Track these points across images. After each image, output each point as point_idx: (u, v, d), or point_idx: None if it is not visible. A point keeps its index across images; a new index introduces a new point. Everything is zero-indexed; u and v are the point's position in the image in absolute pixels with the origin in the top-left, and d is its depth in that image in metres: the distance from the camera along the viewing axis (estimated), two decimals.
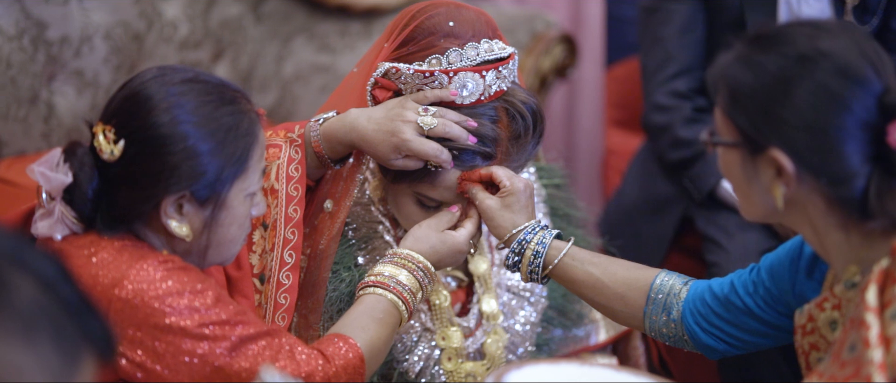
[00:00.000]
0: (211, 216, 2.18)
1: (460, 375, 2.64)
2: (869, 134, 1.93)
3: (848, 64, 1.93)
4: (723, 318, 2.31)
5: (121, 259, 2.11)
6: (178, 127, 2.12)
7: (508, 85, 2.47)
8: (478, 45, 2.43)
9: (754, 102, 1.98)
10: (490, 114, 2.44)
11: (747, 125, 1.99)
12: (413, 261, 2.41)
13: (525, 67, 4.13)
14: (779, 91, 1.95)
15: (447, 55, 2.42)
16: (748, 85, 1.99)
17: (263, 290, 2.47)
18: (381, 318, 2.34)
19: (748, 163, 2.02)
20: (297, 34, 4.43)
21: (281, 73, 4.39)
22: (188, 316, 2.10)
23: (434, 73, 2.41)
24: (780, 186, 1.99)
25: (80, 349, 1.50)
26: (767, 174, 2.00)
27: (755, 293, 2.27)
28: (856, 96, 1.92)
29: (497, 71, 2.43)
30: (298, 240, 2.47)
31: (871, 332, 1.84)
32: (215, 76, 2.23)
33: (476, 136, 2.42)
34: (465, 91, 2.42)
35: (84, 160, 2.13)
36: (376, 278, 2.39)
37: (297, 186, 2.48)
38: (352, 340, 2.26)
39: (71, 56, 3.65)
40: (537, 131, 2.51)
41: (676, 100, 3.47)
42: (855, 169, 1.94)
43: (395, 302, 2.36)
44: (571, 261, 2.43)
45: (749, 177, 2.04)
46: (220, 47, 4.23)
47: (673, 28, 3.49)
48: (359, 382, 2.26)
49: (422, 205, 2.50)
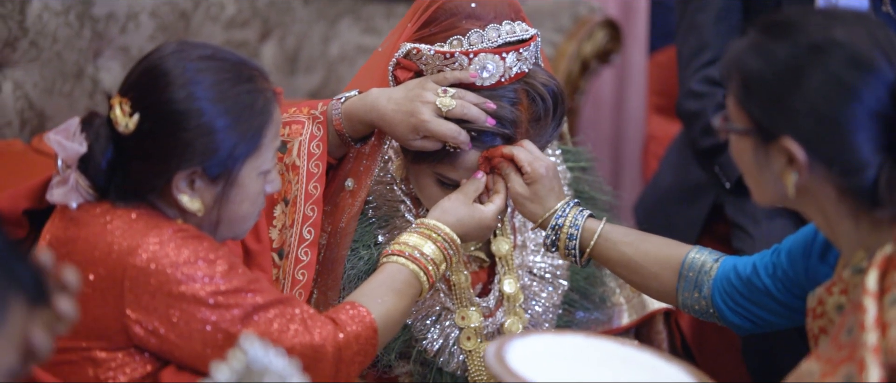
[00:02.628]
0: (222, 192, 2.20)
1: (479, 355, 2.65)
2: (880, 123, 1.93)
3: (860, 53, 1.92)
4: (746, 297, 2.33)
5: (136, 227, 2.15)
6: (194, 103, 2.14)
7: (530, 67, 2.48)
8: (499, 27, 2.45)
9: (766, 91, 1.99)
10: (510, 96, 2.46)
11: (759, 114, 2.00)
12: (438, 232, 2.43)
13: (567, 52, 4.14)
14: (790, 80, 1.95)
15: (468, 37, 2.44)
16: (760, 73, 1.99)
17: (282, 265, 2.50)
18: (400, 289, 2.36)
19: (760, 150, 2.03)
20: (344, 15, 4.46)
21: (327, 54, 4.42)
22: (202, 284, 2.13)
23: (454, 54, 2.43)
24: (792, 174, 2.00)
25: (7, 296, 1.53)
26: (779, 162, 2.01)
27: (774, 275, 2.29)
28: (867, 86, 1.91)
29: (518, 53, 2.44)
30: (317, 216, 2.50)
31: (868, 316, 1.84)
32: (234, 53, 2.25)
33: (495, 118, 2.44)
34: (485, 72, 2.44)
35: (100, 131, 2.17)
36: (400, 247, 2.41)
37: (318, 163, 2.51)
38: (365, 309, 2.28)
39: (117, 32, 3.70)
40: (558, 113, 2.52)
41: (710, 87, 3.46)
42: (866, 159, 1.94)
43: (416, 273, 2.38)
44: (605, 242, 2.48)
45: (761, 164, 2.04)
46: (267, 27, 4.27)
47: (709, 15, 3.48)
48: (370, 351, 2.29)
49: (442, 184, 2.52)
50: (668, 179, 3.71)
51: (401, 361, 2.66)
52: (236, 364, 1.68)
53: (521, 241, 2.75)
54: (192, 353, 2.15)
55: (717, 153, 3.44)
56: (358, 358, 2.26)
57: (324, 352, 2.21)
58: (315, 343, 2.20)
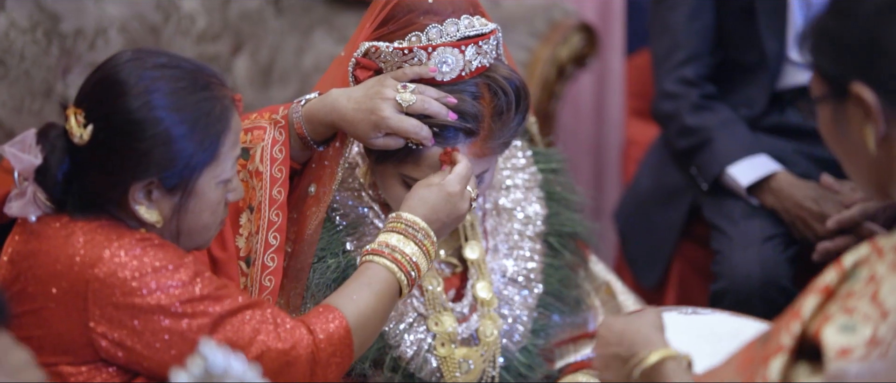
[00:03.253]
0: (180, 203, 2.18)
1: (454, 361, 2.63)
2: None
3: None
4: None
5: (97, 239, 2.12)
6: (150, 112, 2.12)
7: (491, 61, 2.47)
8: (458, 21, 2.43)
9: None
10: (471, 90, 2.44)
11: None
12: (416, 227, 2.39)
13: (542, 57, 4.11)
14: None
15: (427, 32, 2.42)
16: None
17: (249, 273, 2.47)
18: (377, 288, 2.32)
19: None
20: (317, 26, 4.44)
21: (301, 65, 4.39)
22: (167, 293, 2.11)
23: (413, 49, 2.42)
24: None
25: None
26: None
27: None
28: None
29: (477, 46, 2.43)
30: (282, 221, 2.47)
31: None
32: (190, 60, 2.23)
33: (456, 113, 2.42)
34: (445, 66, 2.42)
35: (56, 143, 2.14)
36: (378, 246, 2.37)
37: (282, 168, 2.48)
38: (338, 311, 2.26)
39: (86, 49, 3.67)
40: (521, 107, 2.50)
41: (684, 87, 3.46)
42: None
43: (391, 269, 2.34)
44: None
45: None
46: (240, 40, 4.24)
47: (681, 15, 3.47)
48: (346, 353, 2.26)
49: (408, 185, 2.50)
50: (646, 183, 3.70)
51: (375, 370, 2.63)
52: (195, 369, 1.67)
53: (494, 245, 2.73)
54: (160, 363, 2.13)
55: (693, 154, 3.43)
56: (334, 360, 2.23)
57: (296, 356, 2.19)
58: (287, 347, 2.18)
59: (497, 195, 2.76)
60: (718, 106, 3.45)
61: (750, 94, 3.47)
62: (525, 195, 2.77)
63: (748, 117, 3.45)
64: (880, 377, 1.73)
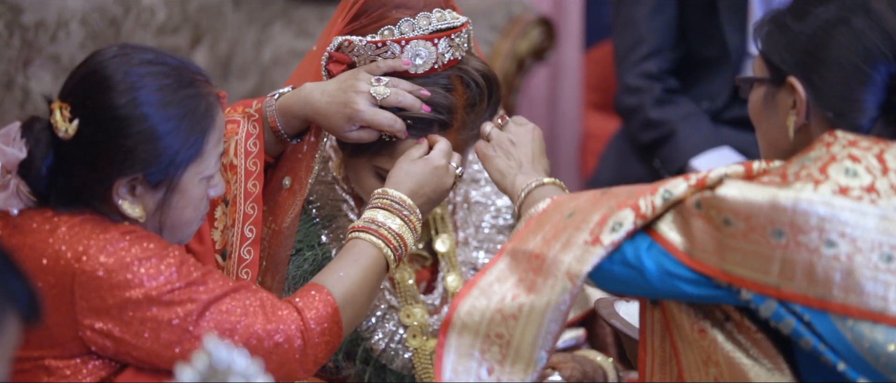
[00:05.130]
0: (164, 198, 2.18)
1: (426, 352, 2.65)
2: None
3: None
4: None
5: (82, 232, 2.12)
6: (136, 109, 2.11)
7: (462, 54, 2.50)
8: (430, 15, 2.45)
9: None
10: (444, 82, 2.47)
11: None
12: (390, 198, 2.40)
13: (502, 51, 4.14)
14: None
15: (399, 25, 2.44)
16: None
17: (225, 266, 2.47)
18: (364, 265, 2.33)
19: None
20: (276, 20, 4.44)
21: (260, 58, 4.40)
22: (154, 282, 2.11)
23: (386, 42, 2.43)
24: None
25: (2, 310, 1.51)
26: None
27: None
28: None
29: (449, 39, 2.45)
30: (258, 214, 2.48)
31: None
32: (175, 57, 2.22)
33: (430, 105, 2.44)
34: (418, 59, 2.44)
35: (40, 136, 2.13)
36: (364, 223, 2.38)
37: (256, 161, 2.48)
38: (325, 289, 2.27)
39: (47, 41, 3.66)
40: (493, 99, 2.53)
41: (647, 81, 3.49)
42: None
43: (375, 243, 2.35)
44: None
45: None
46: (199, 33, 4.24)
47: (644, 9, 3.51)
48: (336, 330, 2.27)
49: (381, 177, 2.51)
50: (607, 176, 3.73)
51: (347, 362, 2.65)
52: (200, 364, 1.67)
53: (464, 238, 2.75)
54: (150, 352, 2.13)
55: (656, 147, 3.47)
56: (325, 338, 2.24)
57: (288, 336, 2.20)
58: (277, 328, 2.18)
59: (467, 188, 2.78)
60: (681, 99, 3.49)
61: (712, 88, 3.52)
62: (495, 188, 2.79)
63: (711, 110, 3.50)
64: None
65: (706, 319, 2.08)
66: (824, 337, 1.94)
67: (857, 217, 1.93)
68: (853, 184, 1.96)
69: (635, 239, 2.06)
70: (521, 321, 2.10)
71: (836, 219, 1.93)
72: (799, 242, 1.94)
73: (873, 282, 1.92)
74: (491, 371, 2.13)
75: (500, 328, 2.11)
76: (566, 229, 2.10)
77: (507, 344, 2.12)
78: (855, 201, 1.94)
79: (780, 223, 1.94)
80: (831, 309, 1.93)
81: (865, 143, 2.01)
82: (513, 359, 2.12)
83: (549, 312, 2.08)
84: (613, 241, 2.04)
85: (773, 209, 1.95)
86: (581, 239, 2.07)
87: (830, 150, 2.00)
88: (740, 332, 2.06)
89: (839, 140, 2.02)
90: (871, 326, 1.92)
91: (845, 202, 1.94)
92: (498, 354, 2.12)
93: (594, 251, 2.05)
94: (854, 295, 1.92)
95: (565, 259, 2.07)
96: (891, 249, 1.93)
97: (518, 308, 2.10)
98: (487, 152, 2.45)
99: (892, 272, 1.92)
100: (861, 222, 1.93)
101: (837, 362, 1.95)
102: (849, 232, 1.93)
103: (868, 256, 1.92)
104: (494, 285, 2.15)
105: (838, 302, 1.93)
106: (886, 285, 1.92)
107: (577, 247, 2.07)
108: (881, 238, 1.93)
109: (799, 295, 1.94)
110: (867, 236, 1.93)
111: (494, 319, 2.12)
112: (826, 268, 1.92)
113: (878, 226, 1.93)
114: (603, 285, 2.15)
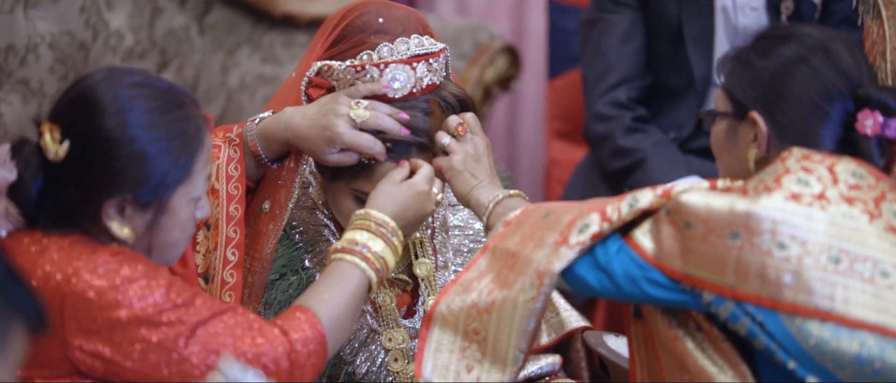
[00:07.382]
0: (153, 219, 2.19)
1: (407, 376, 2.66)
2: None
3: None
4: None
5: (71, 254, 2.12)
6: (126, 131, 2.13)
7: (440, 79, 2.54)
8: (408, 40, 2.50)
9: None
10: (422, 106, 2.51)
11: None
12: (373, 220, 2.40)
13: (469, 79, 4.17)
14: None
15: (378, 50, 2.48)
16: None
17: (208, 289, 2.48)
18: (348, 287, 2.33)
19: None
20: (243, 45, 4.45)
21: (226, 83, 4.40)
22: (143, 303, 2.11)
23: (365, 66, 2.47)
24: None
25: (9, 322, 1.51)
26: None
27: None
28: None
29: (427, 63, 2.49)
30: (241, 238, 2.50)
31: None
32: (164, 80, 2.24)
33: (409, 128, 2.47)
34: (397, 83, 2.48)
35: (30, 158, 2.14)
36: (346, 244, 2.38)
37: (237, 185, 2.50)
38: (311, 312, 2.27)
39: (16, 65, 3.64)
40: None
41: (617, 109, 3.52)
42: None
43: (356, 264, 2.35)
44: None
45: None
46: (166, 58, 4.24)
47: (613, 38, 3.54)
48: (321, 352, 2.27)
49: (360, 201, 2.53)
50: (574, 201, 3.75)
51: None
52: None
53: (443, 261, 2.77)
54: (138, 373, 2.13)
55: (626, 175, 3.49)
56: (311, 360, 2.25)
57: (274, 358, 2.20)
58: (264, 350, 2.19)
59: (445, 213, 2.80)
60: (650, 128, 3.52)
61: (678, 117, 3.56)
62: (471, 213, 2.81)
63: (677, 139, 3.53)
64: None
65: (680, 327, 2.17)
66: (775, 336, 2.04)
67: (808, 221, 2.04)
68: (805, 191, 2.06)
69: (607, 243, 2.15)
70: (494, 316, 2.20)
71: (787, 223, 2.04)
72: (753, 244, 2.04)
73: (821, 283, 2.02)
74: (470, 368, 2.23)
75: (475, 323, 2.22)
76: (541, 229, 2.20)
77: (483, 340, 2.22)
78: (806, 207, 2.05)
79: (736, 225, 2.05)
80: (782, 309, 2.03)
81: (818, 157, 2.11)
82: (491, 358, 2.21)
83: (520, 309, 2.18)
84: (579, 241, 2.13)
85: (731, 213, 2.05)
86: (551, 239, 2.17)
87: (786, 164, 2.10)
88: (709, 342, 2.14)
89: (794, 154, 2.12)
90: (820, 324, 2.02)
91: (797, 207, 2.05)
92: (477, 353, 2.22)
93: (562, 252, 2.14)
94: (803, 295, 2.02)
95: (536, 258, 2.17)
96: (838, 252, 2.03)
97: (491, 303, 2.20)
98: (457, 167, 2.51)
99: (839, 273, 2.03)
100: (811, 226, 2.04)
101: (788, 360, 2.04)
102: (799, 235, 2.03)
103: (817, 258, 2.03)
104: (474, 281, 2.25)
105: (788, 301, 2.03)
106: (833, 285, 2.02)
107: (547, 247, 2.16)
108: (830, 241, 2.04)
109: (752, 296, 2.04)
110: (816, 239, 2.03)
111: (470, 313, 2.22)
112: (777, 268, 2.03)
113: (828, 231, 2.04)
114: (576, 288, 2.20)
